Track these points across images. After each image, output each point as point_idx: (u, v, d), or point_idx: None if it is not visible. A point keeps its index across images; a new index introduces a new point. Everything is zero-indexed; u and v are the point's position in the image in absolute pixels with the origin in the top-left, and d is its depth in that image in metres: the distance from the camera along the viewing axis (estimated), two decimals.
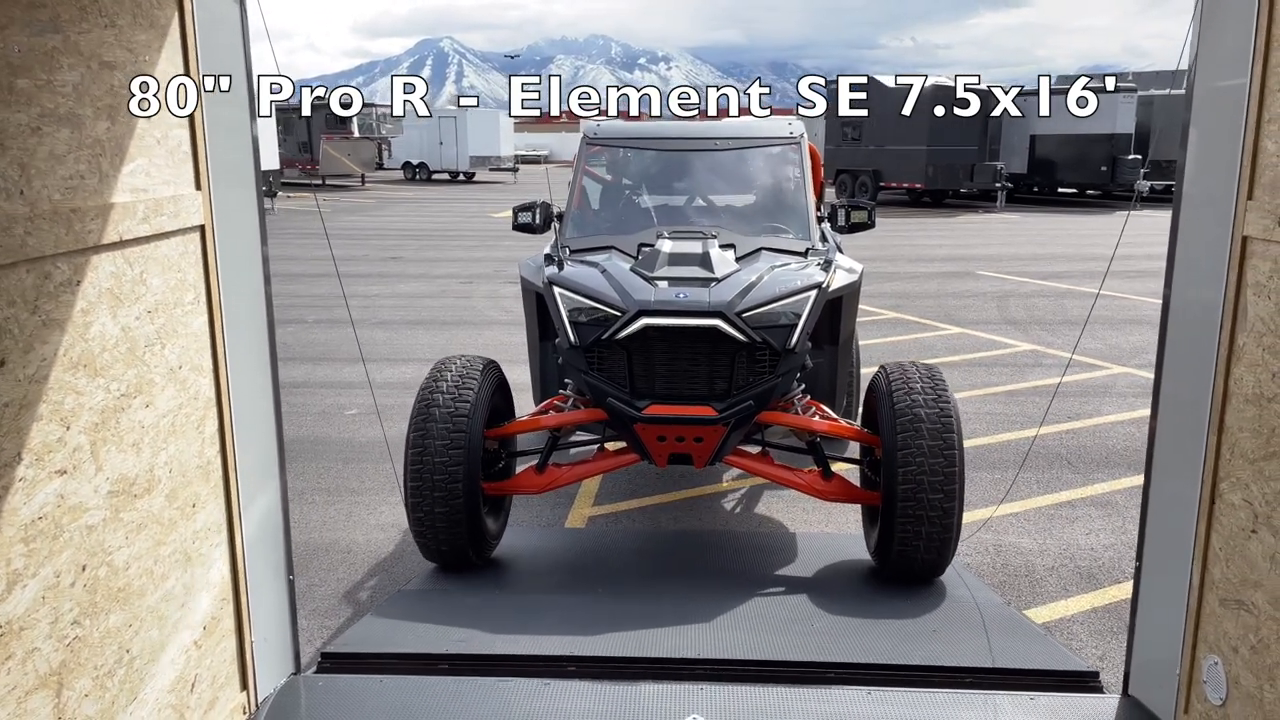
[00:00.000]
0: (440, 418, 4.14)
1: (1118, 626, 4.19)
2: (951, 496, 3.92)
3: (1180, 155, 2.84)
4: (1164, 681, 3.01)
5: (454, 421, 4.13)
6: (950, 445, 3.92)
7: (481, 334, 10.55)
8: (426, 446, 4.10)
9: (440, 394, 4.22)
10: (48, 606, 2.14)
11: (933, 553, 4.01)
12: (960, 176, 27.74)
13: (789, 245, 4.80)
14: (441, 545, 4.22)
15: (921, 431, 3.93)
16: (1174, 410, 2.92)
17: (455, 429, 4.12)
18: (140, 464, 2.49)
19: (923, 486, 3.89)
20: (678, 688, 3.28)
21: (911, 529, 3.94)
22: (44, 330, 2.13)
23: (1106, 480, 5.96)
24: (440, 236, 20.92)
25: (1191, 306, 2.81)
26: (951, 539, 4.01)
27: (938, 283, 14.11)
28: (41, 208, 2.10)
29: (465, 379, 4.29)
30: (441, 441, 4.09)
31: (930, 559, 4.04)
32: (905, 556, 4.05)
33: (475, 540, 4.26)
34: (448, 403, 4.17)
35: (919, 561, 4.05)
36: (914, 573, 4.14)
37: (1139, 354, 9.39)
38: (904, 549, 4.02)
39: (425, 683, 3.36)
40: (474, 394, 4.24)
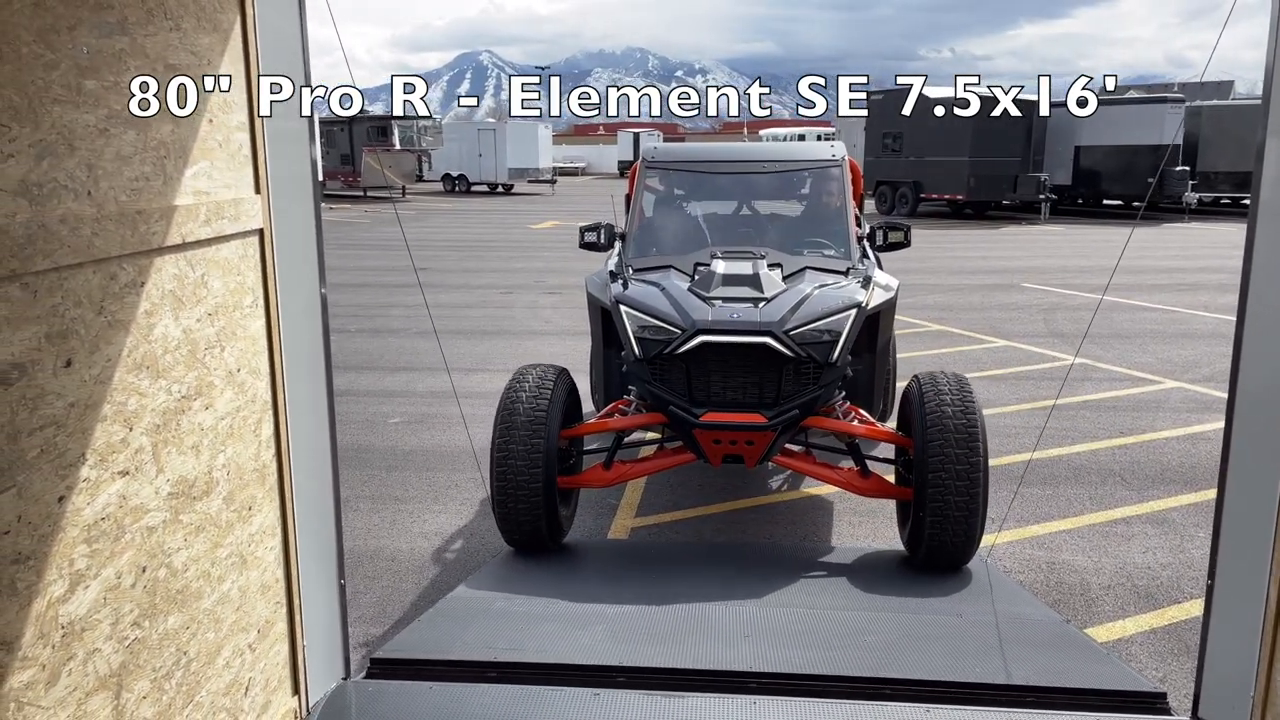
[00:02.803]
0: (521, 421, 4.54)
1: (1179, 648, 4.06)
2: (976, 493, 4.24)
3: (1256, 164, 2.76)
4: (1237, 703, 2.90)
5: (533, 424, 4.53)
6: (975, 448, 4.26)
7: (522, 343, 10.57)
8: (510, 447, 4.51)
9: (521, 400, 4.62)
10: (109, 608, 2.14)
11: (959, 543, 4.32)
12: (1003, 188, 27.37)
13: (831, 264, 5.15)
14: (524, 529, 4.60)
15: (949, 435, 4.28)
16: (1250, 422, 2.82)
17: (534, 431, 4.52)
18: (199, 466, 2.49)
19: (950, 484, 4.23)
20: (730, 700, 3.23)
21: (940, 522, 4.27)
22: (109, 331, 2.14)
23: (1162, 497, 5.81)
24: (481, 247, 21.05)
25: (1269, 316, 2.72)
26: (976, 531, 4.32)
27: (982, 295, 13.92)
28: (108, 209, 2.11)
29: (542, 385, 4.71)
30: (522, 445, 4.50)
31: (957, 549, 4.35)
32: (934, 547, 4.36)
33: (551, 527, 4.63)
34: (527, 410, 4.57)
35: (947, 551, 4.36)
36: (942, 562, 4.43)
37: (1192, 368, 9.18)
38: (933, 540, 4.33)
39: (474, 690, 3.34)
40: (549, 398, 4.65)
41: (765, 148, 6.50)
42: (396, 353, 10.13)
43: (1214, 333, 10.87)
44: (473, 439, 6.02)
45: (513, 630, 3.82)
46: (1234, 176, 27.42)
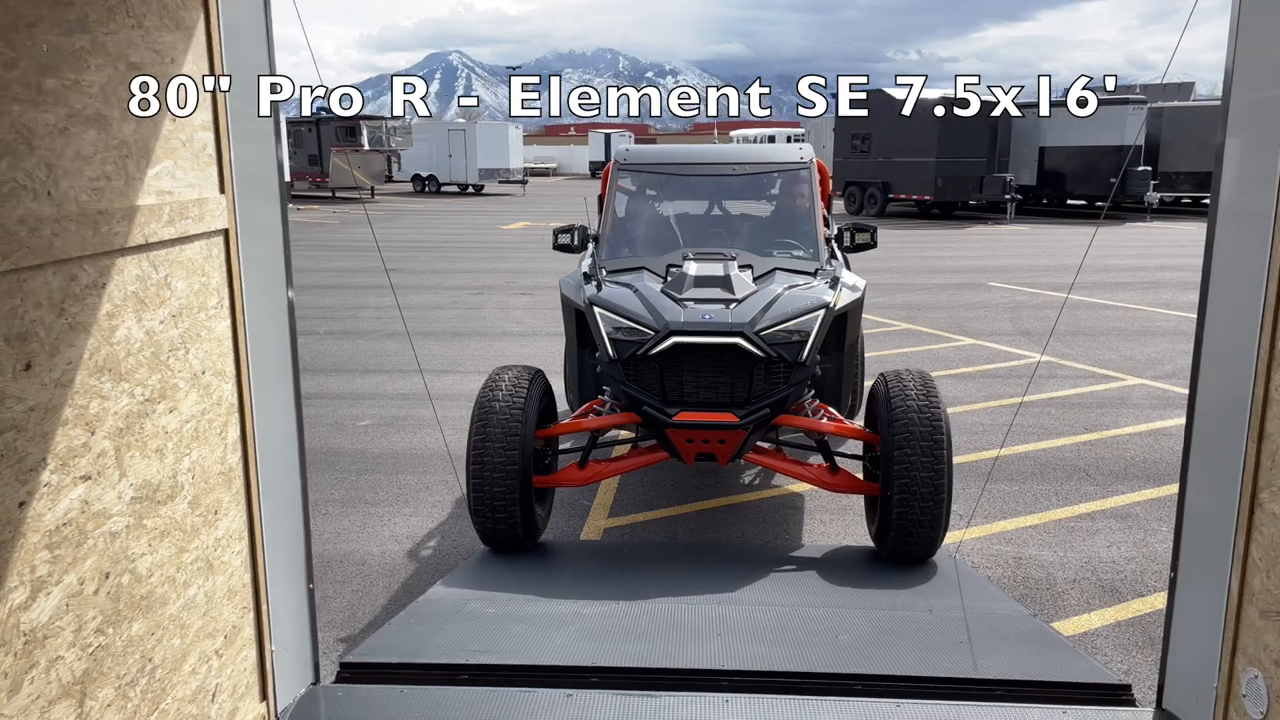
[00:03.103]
0: (498, 421, 4.58)
1: (1143, 641, 4.12)
2: (941, 486, 4.34)
3: (1216, 165, 2.81)
4: (1200, 695, 2.95)
5: (509, 424, 4.57)
6: (939, 442, 4.37)
7: (493, 345, 10.53)
8: (486, 446, 4.54)
9: (497, 401, 4.66)
10: (71, 615, 2.11)
11: (925, 535, 4.42)
12: (970, 188, 27.65)
13: (800, 265, 5.26)
14: (500, 529, 4.63)
15: (914, 430, 4.39)
16: (1211, 418, 2.87)
17: (510, 431, 4.56)
18: (164, 470, 2.46)
19: (915, 478, 4.34)
20: (703, 699, 3.23)
21: (906, 515, 4.36)
22: (70, 334, 2.10)
23: (1126, 492, 5.90)
24: (452, 248, 20.94)
25: (1229, 313, 2.77)
26: (941, 524, 4.41)
27: (949, 294, 14.06)
28: (68, 209, 2.07)
29: (518, 386, 4.75)
30: (499, 445, 4.53)
31: (923, 541, 4.45)
32: (901, 539, 4.45)
33: (527, 527, 4.68)
34: (503, 410, 4.61)
35: (913, 544, 4.45)
36: (909, 555, 4.52)
37: (1155, 365, 9.33)
38: (900, 533, 4.42)
39: (446, 693, 3.32)
40: (525, 399, 4.69)
41: (736, 150, 6.55)
42: (366, 355, 10.05)
43: (1175, 330, 11.06)
44: (447, 441, 5.99)
45: (485, 632, 3.80)
46: (1195, 176, 27.90)
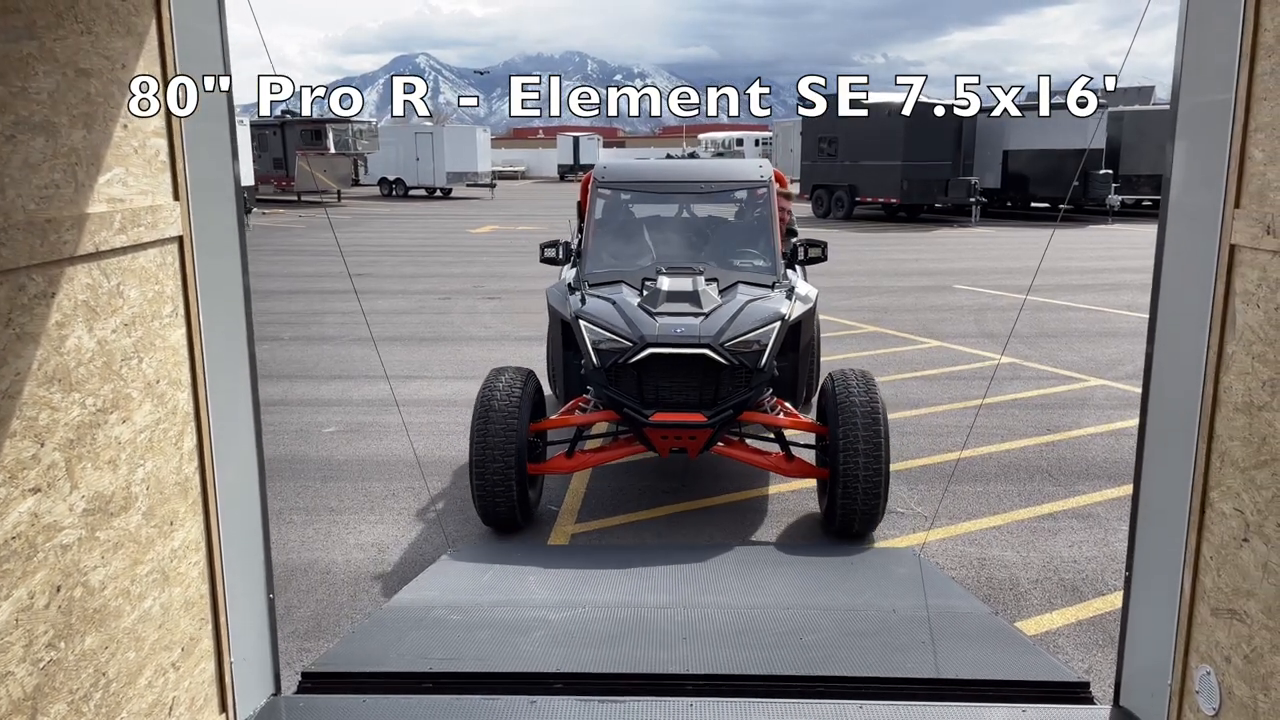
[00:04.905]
0: (496, 415, 5.19)
1: (1103, 639, 4.18)
2: (879, 469, 4.99)
3: (1166, 168, 2.86)
4: (1155, 692, 2.99)
5: (507, 418, 5.19)
6: (878, 431, 5.01)
7: (461, 350, 10.48)
8: (487, 438, 5.14)
9: (496, 397, 5.28)
10: (21, 629, 2.07)
11: (867, 511, 5.07)
12: (935, 191, 27.97)
13: (759, 279, 5.97)
14: (499, 510, 5.25)
15: (856, 421, 5.04)
16: (1163, 419, 2.92)
17: (508, 424, 5.17)
18: (117, 481, 2.42)
19: (857, 462, 4.98)
20: (668, 703, 3.23)
21: (850, 494, 5.01)
22: (17, 344, 2.06)
23: (1088, 492, 5.98)
24: (419, 252, 20.82)
25: (1179, 315, 2.82)
26: (880, 500, 5.07)
27: (915, 297, 14.19)
28: (15, 218, 2.04)
29: (513, 385, 5.38)
30: (497, 436, 5.14)
31: (865, 517, 5.10)
32: (845, 516, 5.10)
33: (522, 507, 5.30)
34: (501, 406, 5.22)
35: (856, 519, 5.10)
36: (853, 528, 5.16)
37: (1115, 366, 9.47)
38: (844, 510, 5.07)
39: (409, 702, 3.29)
40: (520, 396, 5.31)
41: (703, 167, 7.37)
42: (331, 360, 9.97)
43: (1136, 331, 11.23)
44: (415, 447, 5.98)
45: (449, 639, 3.78)
46: (1154, 179, 28.39)
